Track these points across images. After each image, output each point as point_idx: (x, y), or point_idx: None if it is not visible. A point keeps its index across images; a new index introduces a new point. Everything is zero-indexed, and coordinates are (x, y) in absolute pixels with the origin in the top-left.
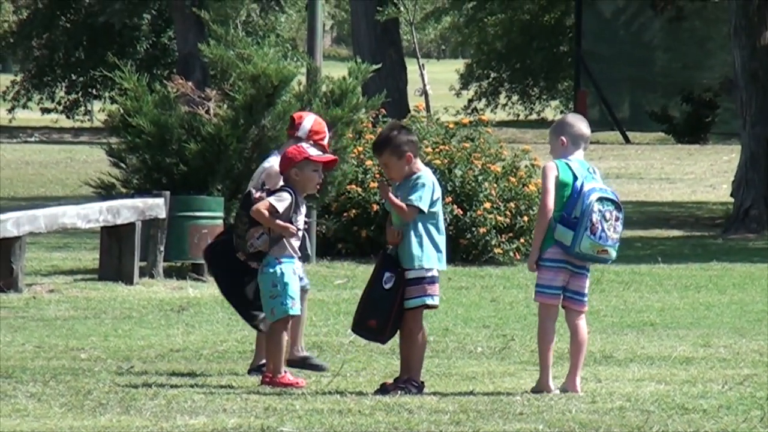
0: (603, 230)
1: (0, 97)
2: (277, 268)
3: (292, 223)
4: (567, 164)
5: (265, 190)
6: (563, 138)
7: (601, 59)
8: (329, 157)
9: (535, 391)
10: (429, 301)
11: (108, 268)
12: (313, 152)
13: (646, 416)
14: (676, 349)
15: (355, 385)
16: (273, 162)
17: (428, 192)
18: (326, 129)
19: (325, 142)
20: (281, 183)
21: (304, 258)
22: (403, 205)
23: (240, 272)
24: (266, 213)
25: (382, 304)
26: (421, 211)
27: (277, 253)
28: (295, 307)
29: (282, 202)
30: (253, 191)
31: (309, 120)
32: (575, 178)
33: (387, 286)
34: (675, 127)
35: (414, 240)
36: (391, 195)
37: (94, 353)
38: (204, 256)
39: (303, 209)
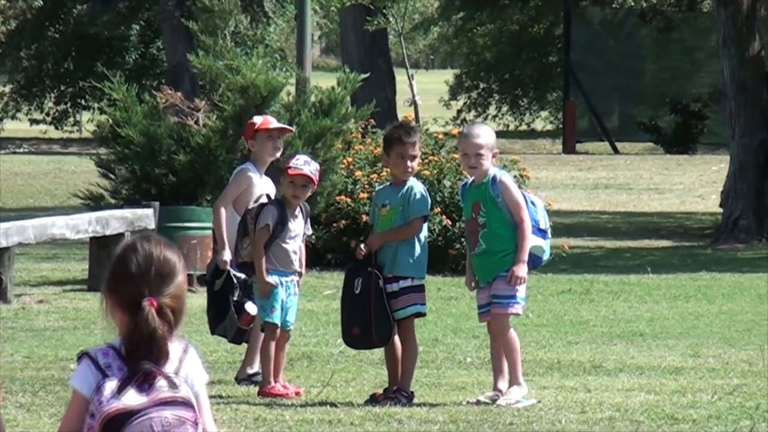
0: None
1: None
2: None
3: (283, 226)
4: None
5: (261, 202)
6: (497, 150)
7: (590, 70)
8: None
9: (526, 400)
10: (421, 309)
11: (97, 278)
12: (257, 119)
13: (635, 426)
14: (665, 359)
15: (345, 395)
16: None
17: (426, 200)
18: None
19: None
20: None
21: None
22: (405, 227)
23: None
24: (260, 245)
25: (357, 310)
26: (425, 217)
27: (267, 265)
28: (273, 314)
29: (266, 217)
30: (250, 205)
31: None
32: None
33: (357, 291)
34: (664, 137)
35: (406, 250)
36: (386, 234)
37: None
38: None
39: (297, 221)
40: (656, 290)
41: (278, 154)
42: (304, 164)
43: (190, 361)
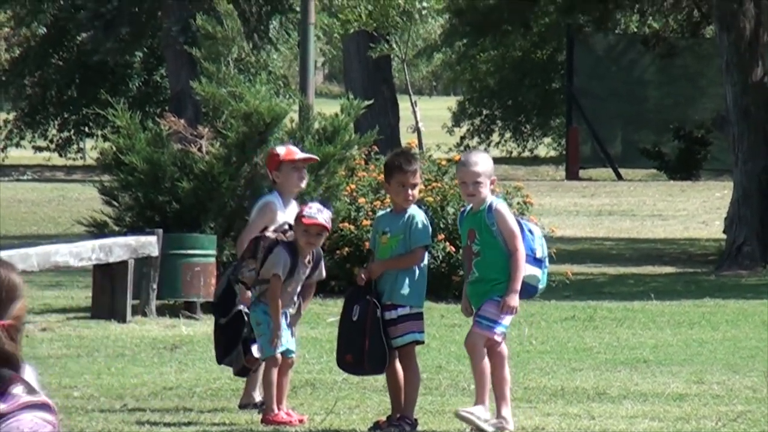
0: None
1: None
2: (262, 308)
3: (292, 275)
4: None
5: (282, 230)
6: (494, 177)
7: (593, 96)
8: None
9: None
10: (419, 337)
11: (101, 306)
12: (281, 150)
13: None
14: (669, 386)
15: (348, 422)
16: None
17: (427, 229)
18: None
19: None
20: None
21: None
22: (406, 256)
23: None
24: (277, 295)
25: (353, 337)
26: (426, 247)
27: (265, 300)
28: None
29: (278, 266)
30: (270, 231)
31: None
32: None
33: (354, 319)
34: (667, 163)
35: (405, 278)
36: (387, 262)
37: (87, 391)
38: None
39: (307, 269)
40: (660, 317)
41: (303, 184)
42: (317, 212)
43: (28, 377)
